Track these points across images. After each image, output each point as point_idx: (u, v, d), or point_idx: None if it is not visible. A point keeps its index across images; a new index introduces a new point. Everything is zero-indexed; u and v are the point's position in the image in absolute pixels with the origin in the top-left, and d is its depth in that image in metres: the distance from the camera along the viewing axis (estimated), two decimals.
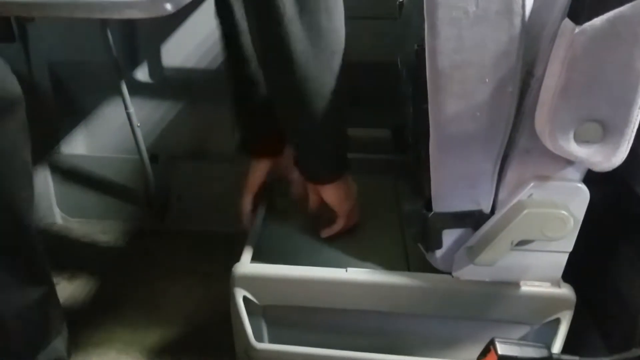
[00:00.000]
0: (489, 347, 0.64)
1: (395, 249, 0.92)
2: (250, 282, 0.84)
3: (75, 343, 1.17)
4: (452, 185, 0.75)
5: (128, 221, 1.61)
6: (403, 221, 0.98)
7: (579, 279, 0.82)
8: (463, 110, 0.68)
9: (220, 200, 1.45)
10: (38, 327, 0.82)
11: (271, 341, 0.88)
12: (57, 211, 1.63)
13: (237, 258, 0.88)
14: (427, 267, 0.82)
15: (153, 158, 1.51)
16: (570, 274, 0.80)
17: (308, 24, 0.72)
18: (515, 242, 0.73)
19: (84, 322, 1.24)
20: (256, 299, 0.84)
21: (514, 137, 0.70)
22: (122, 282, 1.38)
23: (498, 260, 0.74)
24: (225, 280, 0.86)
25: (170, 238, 1.53)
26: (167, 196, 1.57)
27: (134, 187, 1.58)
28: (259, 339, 0.86)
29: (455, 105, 0.68)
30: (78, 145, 1.59)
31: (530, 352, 0.64)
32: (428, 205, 0.77)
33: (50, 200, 1.61)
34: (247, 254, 0.88)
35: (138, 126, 1.37)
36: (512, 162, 0.72)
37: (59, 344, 0.87)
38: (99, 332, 1.21)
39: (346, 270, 0.82)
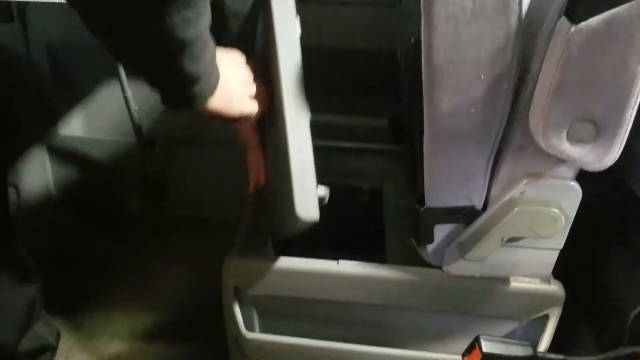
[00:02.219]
0: (474, 344, 0.64)
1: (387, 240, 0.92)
2: (242, 273, 0.84)
3: (68, 326, 1.19)
4: (445, 181, 0.74)
5: (124, 205, 1.61)
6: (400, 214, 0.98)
7: (572, 276, 0.82)
8: (458, 106, 0.68)
9: (217, 186, 1.45)
10: (18, 312, 0.82)
11: (262, 330, 0.88)
12: (54, 193, 1.63)
13: (233, 245, 0.88)
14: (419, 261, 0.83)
15: (150, 142, 1.51)
16: (562, 271, 0.81)
17: None
18: (505, 239, 0.73)
19: (78, 306, 1.25)
20: (247, 289, 0.85)
21: (508, 133, 0.70)
22: (118, 267, 1.38)
23: (488, 257, 0.74)
24: (220, 266, 0.86)
25: (167, 223, 1.53)
26: (164, 181, 1.57)
27: (131, 171, 1.58)
28: (250, 328, 0.87)
29: (450, 101, 0.67)
30: (76, 127, 1.59)
31: (515, 350, 0.65)
32: (421, 200, 0.77)
33: (47, 182, 1.61)
34: (239, 245, 0.88)
35: (135, 110, 1.37)
36: (505, 159, 0.72)
37: (40, 328, 0.87)
38: (93, 315, 1.23)
39: (337, 263, 0.82)
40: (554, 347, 0.81)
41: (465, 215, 0.77)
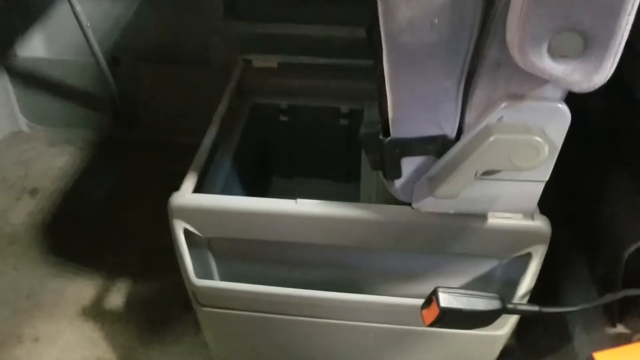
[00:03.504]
0: (432, 297, 0.55)
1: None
2: (191, 213, 0.76)
3: (31, 264, 1.13)
4: (411, 107, 0.64)
5: (95, 129, 1.52)
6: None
7: (568, 210, 0.72)
8: (418, 17, 0.56)
9: (191, 107, 1.34)
10: None
11: (222, 277, 0.81)
12: (21, 119, 1.55)
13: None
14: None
15: (114, 60, 1.39)
16: (557, 202, 0.71)
17: None
18: (480, 173, 0.63)
19: (44, 239, 1.19)
20: (199, 231, 0.76)
21: (482, 48, 0.58)
22: (86, 198, 1.31)
23: (459, 193, 0.65)
24: None
25: (140, 149, 1.44)
26: (134, 103, 1.46)
27: (99, 93, 1.47)
28: (208, 275, 0.80)
29: (409, 9, 0.56)
30: (36, 48, 1.47)
31: (479, 303, 0.56)
32: (386, 130, 0.67)
33: (12, 107, 1.52)
34: (189, 183, 0.79)
35: (88, 26, 1.24)
36: (480, 79, 0.61)
37: None
38: (57, 250, 1.17)
39: (296, 202, 0.73)
40: (546, 287, 0.73)
41: (436, 146, 0.66)
